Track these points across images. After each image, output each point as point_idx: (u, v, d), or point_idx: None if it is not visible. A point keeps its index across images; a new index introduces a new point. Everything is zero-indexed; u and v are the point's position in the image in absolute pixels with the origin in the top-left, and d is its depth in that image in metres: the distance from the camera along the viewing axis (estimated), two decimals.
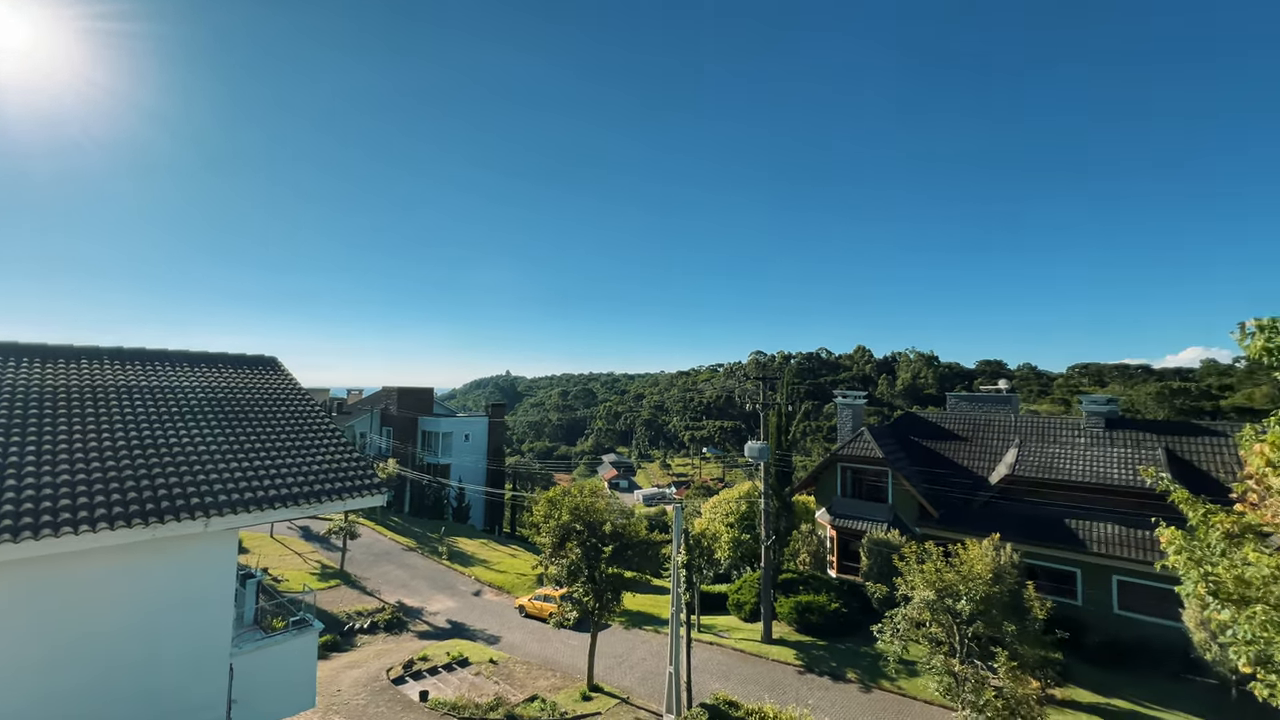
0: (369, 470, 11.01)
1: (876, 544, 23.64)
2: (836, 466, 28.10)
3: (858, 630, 22.45)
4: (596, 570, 18.86)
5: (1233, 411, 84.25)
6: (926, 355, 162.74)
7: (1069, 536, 22.01)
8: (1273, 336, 4.67)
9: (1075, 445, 24.40)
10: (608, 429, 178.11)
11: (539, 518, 20.41)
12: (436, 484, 48.45)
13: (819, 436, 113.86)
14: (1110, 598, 21.12)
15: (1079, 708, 17.39)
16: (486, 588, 32.15)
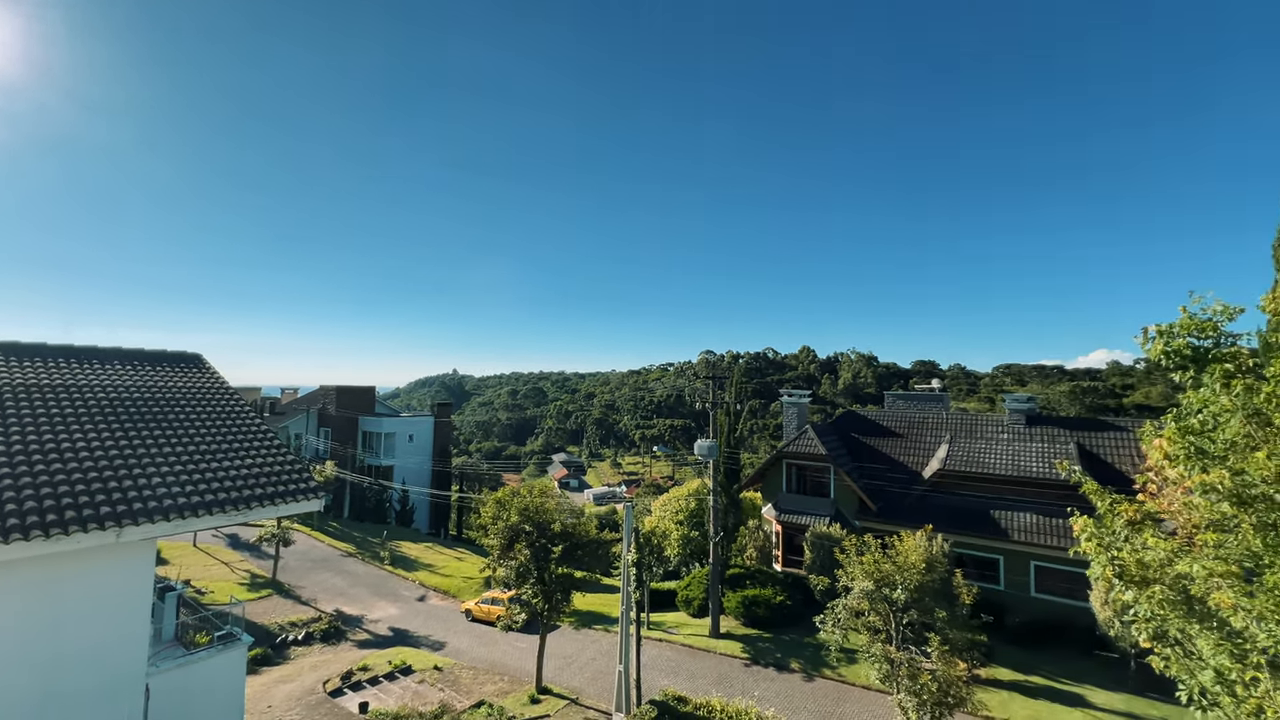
0: (304, 473, 10.47)
1: (819, 538, 24.47)
2: (782, 463, 28.90)
3: (801, 622, 23.20)
4: (546, 571, 18.66)
5: (1133, 408, 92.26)
6: (866, 356, 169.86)
7: (993, 526, 23.51)
8: (1170, 341, 5.18)
9: (999, 440, 26.08)
10: (558, 428, 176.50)
11: (487, 519, 20.00)
12: (378, 487, 46.65)
13: (765, 434, 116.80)
14: (1029, 582, 22.72)
15: (1001, 685, 18.61)
16: (431, 592, 31.22)
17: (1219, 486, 4.80)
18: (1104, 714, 17.15)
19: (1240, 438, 4.77)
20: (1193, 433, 5.15)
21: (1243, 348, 5.25)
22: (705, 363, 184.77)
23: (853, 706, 18.01)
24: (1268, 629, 4.54)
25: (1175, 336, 5.20)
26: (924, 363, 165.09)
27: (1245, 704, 5.12)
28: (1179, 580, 5.29)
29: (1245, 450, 4.67)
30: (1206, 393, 5.09)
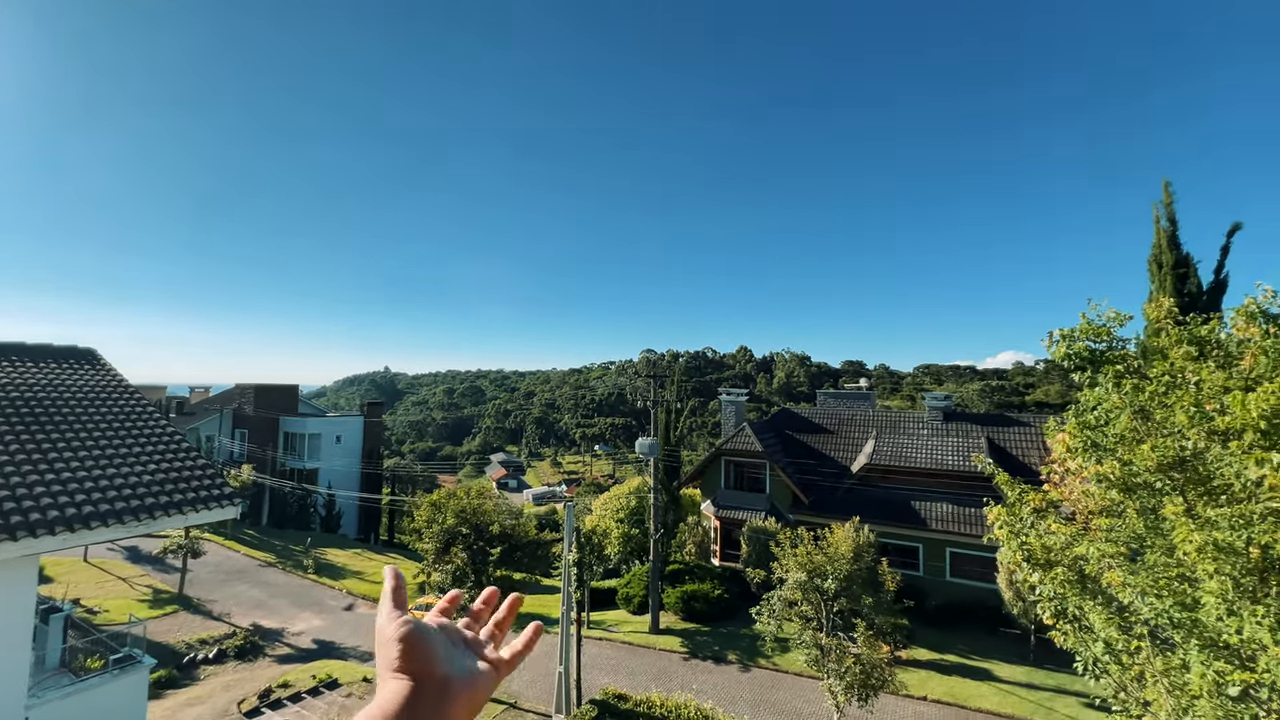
0: (216, 479, 9.69)
1: (755, 532, 25.21)
2: (721, 460, 29.55)
3: (738, 614, 23.83)
4: (484, 574, 18.23)
5: (1034, 405, 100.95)
6: (800, 355, 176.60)
7: (914, 516, 25.05)
8: (1071, 344, 5.71)
9: (920, 436, 27.80)
10: (497, 428, 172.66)
11: (421, 523, 19.31)
12: (302, 491, 43.96)
13: (704, 432, 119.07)
14: (945, 567, 24.37)
15: (920, 665, 19.87)
16: (360, 601, 29.75)
17: (1110, 476, 5.33)
18: (1009, 686, 18.66)
19: (1128, 432, 5.32)
20: (1089, 427, 5.70)
21: (1130, 350, 5.85)
22: (646, 361, 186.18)
23: (786, 693, 18.69)
24: (1149, 603, 5.08)
25: (1076, 340, 5.74)
26: (852, 362, 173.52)
27: (1130, 671, 5.72)
28: (1077, 561, 5.84)
29: (1132, 443, 5.21)
30: (1100, 391, 5.64)
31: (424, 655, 0.79)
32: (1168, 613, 4.92)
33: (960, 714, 17.53)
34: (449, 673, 0.79)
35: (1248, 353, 4.70)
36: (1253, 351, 4.64)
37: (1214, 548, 4.30)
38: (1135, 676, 5.75)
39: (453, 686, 0.78)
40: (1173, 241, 17.85)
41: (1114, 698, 6.31)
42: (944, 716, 17.43)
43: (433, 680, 0.78)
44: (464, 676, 0.81)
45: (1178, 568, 4.95)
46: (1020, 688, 18.56)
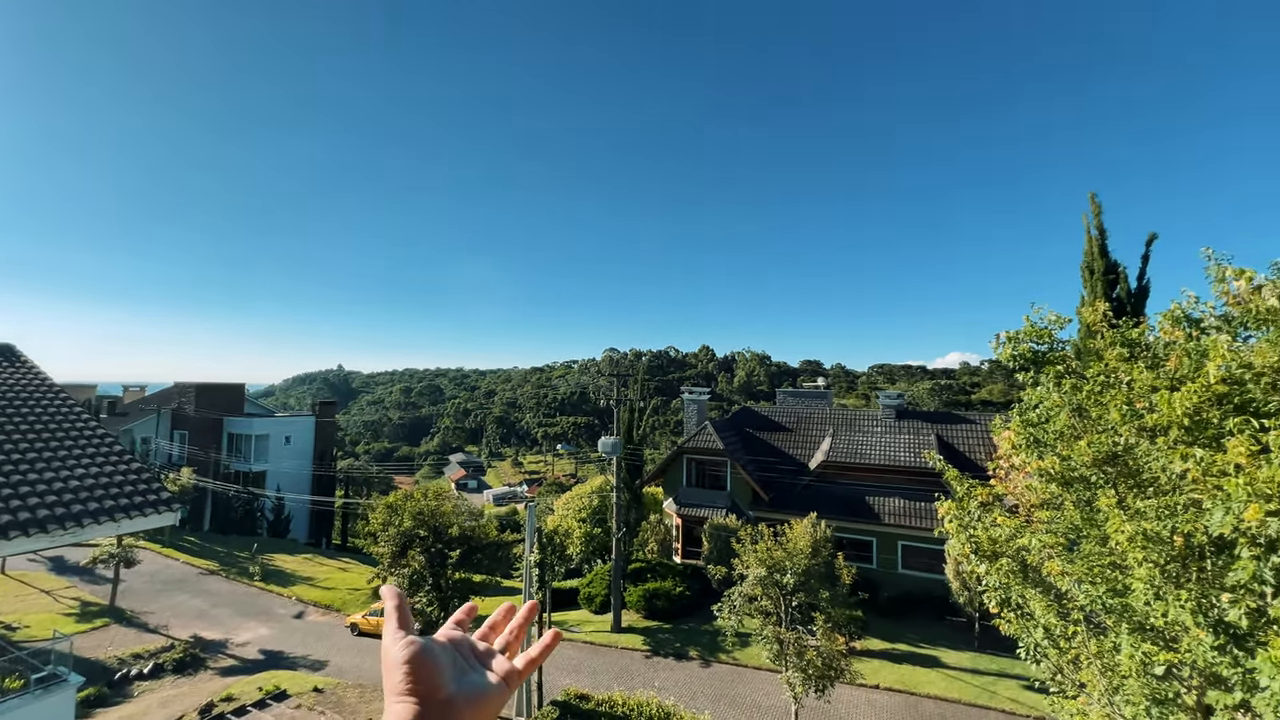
0: (152, 483, 9.13)
1: (717, 529, 25.52)
2: (683, 458, 29.78)
3: (700, 611, 24.07)
4: (442, 577, 17.83)
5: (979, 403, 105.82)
6: (760, 355, 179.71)
7: (869, 511, 25.86)
8: (1016, 345, 6.01)
9: (874, 433, 28.71)
10: (456, 427, 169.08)
11: (377, 525, 18.72)
12: (247, 495, 41.98)
13: (667, 430, 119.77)
14: (897, 560, 25.26)
15: (873, 655, 20.53)
16: (311, 608, 28.64)
17: (1050, 471, 5.63)
18: (955, 671, 19.49)
19: (1067, 428, 5.63)
20: (1031, 425, 6.00)
21: (1068, 352, 6.19)
22: (609, 360, 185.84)
23: (746, 687, 19.00)
24: (1084, 590, 5.39)
25: (1020, 342, 6.04)
26: (810, 362, 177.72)
27: (1067, 654, 6.05)
28: (1020, 552, 6.14)
29: (1070, 439, 5.52)
30: (1042, 390, 5.95)
31: (429, 677, 0.77)
32: (1101, 599, 5.23)
33: (910, 700, 18.20)
34: (454, 693, 0.78)
35: (1173, 354, 5.04)
36: (1177, 353, 4.99)
37: (1143, 537, 4.59)
38: (1072, 659, 6.09)
39: (456, 706, 0.77)
40: (1102, 250, 19.05)
41: (1052, 680, 6.67)
42: (895, 703, 18.06)
43: (436, 703, 0.76)
44: (471, 694, 0.79)
45: (1110, 556, 5.27)
46: (966, 673, 19.41)
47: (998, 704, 17.63)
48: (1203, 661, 4.20)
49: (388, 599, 0.89)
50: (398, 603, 0.88)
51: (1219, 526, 3.78)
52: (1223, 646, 4.06)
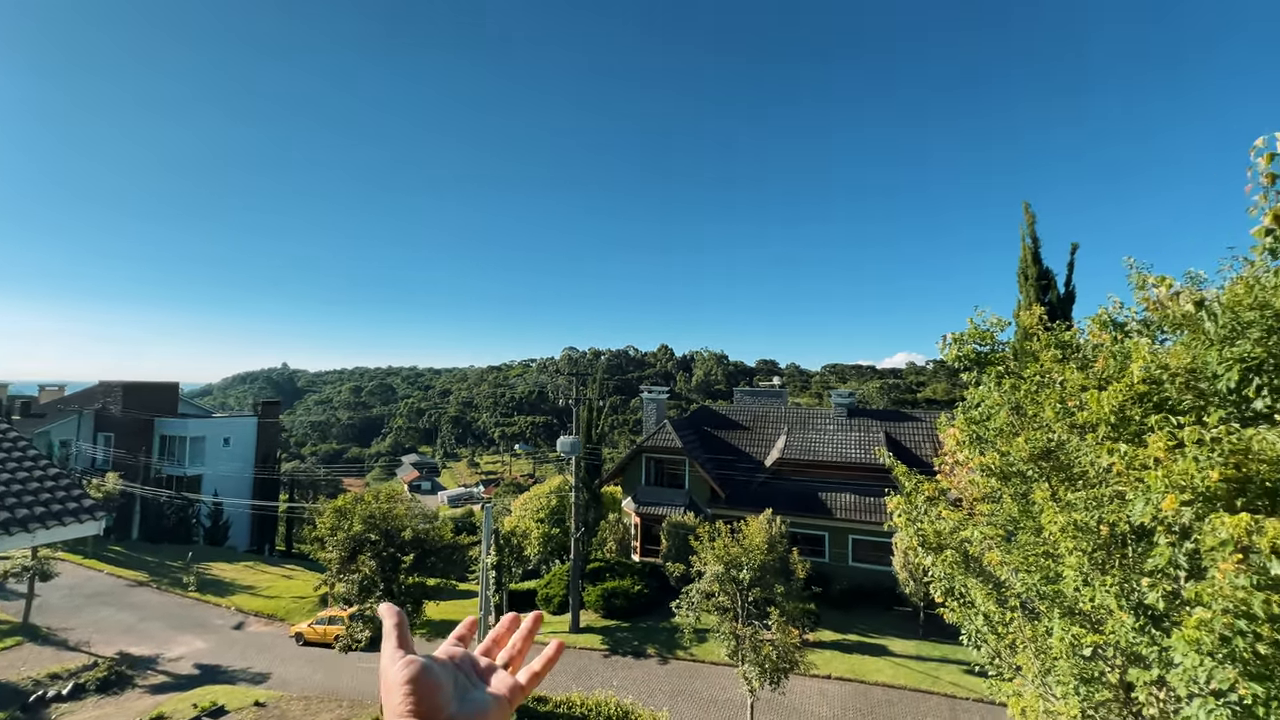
0: (72, 490, 8.48)
1: (675, 526, 25.72)
2: (642, 457, 29.88)
3: (658, 608, 24.22)
4: (395, 582, 17.30)
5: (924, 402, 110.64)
6: (718, 354, 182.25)
7: (821, 506, 26.61)
8: (961, 346, 6.31)
9: (827, 431, 29.56)
10: (409, 427, 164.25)
11: (324, 530, 18.00)
12: (181, 500, 39.59)
13: (625, 429, 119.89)
14: (848, 553, 26.10)
15: (825, 646, 21.16)
16: (252, 618, 27.27)
17: (991, 466, 5.94)
18: (901, 659, 20.31)
19: (1006, 426, 5.96)
20: (974, 422, 6.32)
21: (1007, 353, 6.54)
22: (568, 359, 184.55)
23: (703, 682, 19.25)
24: (1020, 578, 5.72)
25: (965, 343, 6.35)
26: (766, 361, 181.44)
27: (1004, 639, 6.40)
28: (963, 544, 6.46)
29: (1009, 436, 5.84)
30: (984, 390, 6.28)
31: (431, 697, 0.74)
32: (1036, 586, 5.56)
33: (859, 688, 18.84)
34: (456, 713, 0.75)
35: (1100, 356, 5.41)
36: (1104, 355, 5.35)
37: (1073, 527, 4.90)
38: (1009, 644, 6.44)
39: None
40: (1035, 257, 20.32)
41: (990, 664, 7.04)
42: (845, 692, 18.67)
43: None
44: (474, 713, 0.77)
45: (1044, 546, 5.60)
46: (911, 660, 20.25)
47: (941, 689, 18.46)
48: (1125, 642, 4.52)
49: (386, 617, 0.85)
50: (396, 620, 0.84)
51: (1140, 516, 4.07)
52: (1142, 627, 4.38)
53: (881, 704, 17.99)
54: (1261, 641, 3.42)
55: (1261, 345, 4.21)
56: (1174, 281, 5.30)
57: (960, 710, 17.49)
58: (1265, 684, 3.53)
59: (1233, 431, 3.98)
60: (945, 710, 17.56)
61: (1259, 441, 3.86)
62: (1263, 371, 4.26)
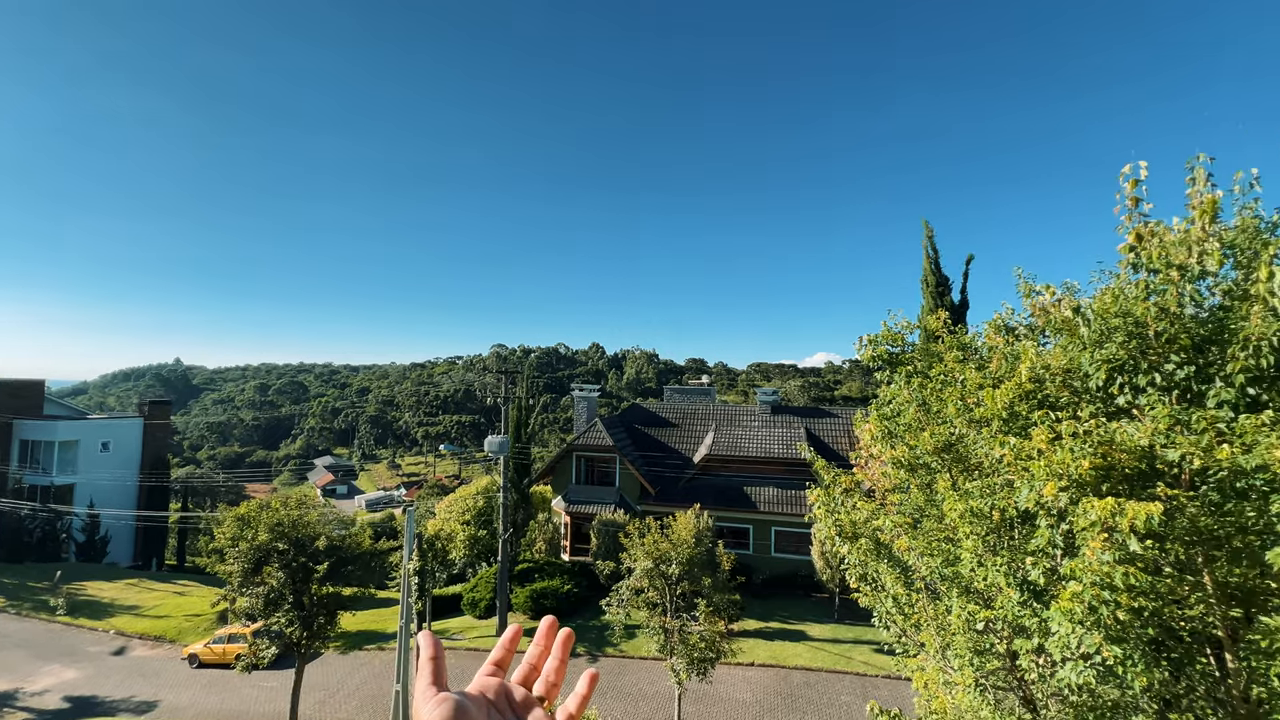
0: None
1: (605, 524, 25.77)
2: (572, 456, 29.68)
3: (588, 607, 24.18)
4: (306, 594, 16.19)
5: (841, 399, 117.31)
6: (649, 353, 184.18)
7: (746, 500, 27.56)
8: (876, 347, 6.76)
9: (752, 428, 30.63)
10: (323, 428, 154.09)
11: (224, 541, 16.54)
12: (47, 513, 35.07)
13: (556, 428, 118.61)
14: (771, 544, 27.20)
15: (749, 634, 21.95)
16: (136, 641, 24.66)
17: (900, 459, 6.39)
18: (819, 642, 21.44)
19: (914, 421, 6.43)
20: (886, 418, 6.78)
21: (915, 354, 7.06)
22: (496, 356, 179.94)
23: (632, 677, 19.42)
24: (925, 561, 6.19)
25: (879, 344, 6.79)
26: (696, 360, 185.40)
27: (910, 619, 6.91)
28: (875, 532, 6.91)
29: (917, 430, 6.31)
30: (895, 388, 6.74)
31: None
32: (938, 569, 6.04)
33: (780, 673, 19.71)
34: None
35: (994, 357, 5.96)
36: (998, 356, 5.90)
37: (969, 513, 5.36)
38: (914, 623, 6.96)
39: None
40: (936, 266, 22.14)
41: (898, 642, 7.58)
42: (767, 677, 19.47)
43: None
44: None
45: (945, 531, 6.10)
46: (827, 643, 21.42)
47: (854, 668, 19.66)
48: (1011, 615, 5.00)
49: (422, 648, 0.78)
50: (432, 653, 0.77)
51: (1025, 502, 4.52)
52: (1025, 602, 4.87)
53: (800, 686, 18.90)
54: (1121, 609, 3.89)
55: (1124, 348, 4.78)
56: (1056, 290, 5.92)
57: (871, 687, 18.70)
58: (1123, 645, 4.02)
59: (1100, 425, 4.50)
60: (858, 688, 18.71)
61: (1121, 434, 4.39)
62: (1125, 371, 4.85)
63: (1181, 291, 4.62)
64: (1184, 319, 4.65)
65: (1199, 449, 4.03)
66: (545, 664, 0.88)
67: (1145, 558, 3.96)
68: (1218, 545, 4.38)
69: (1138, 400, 4.78)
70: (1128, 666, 4.00)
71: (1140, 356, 4.72)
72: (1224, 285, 4.75)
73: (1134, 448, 4.32)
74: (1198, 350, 4.59)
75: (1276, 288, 4.06)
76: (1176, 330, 4.59)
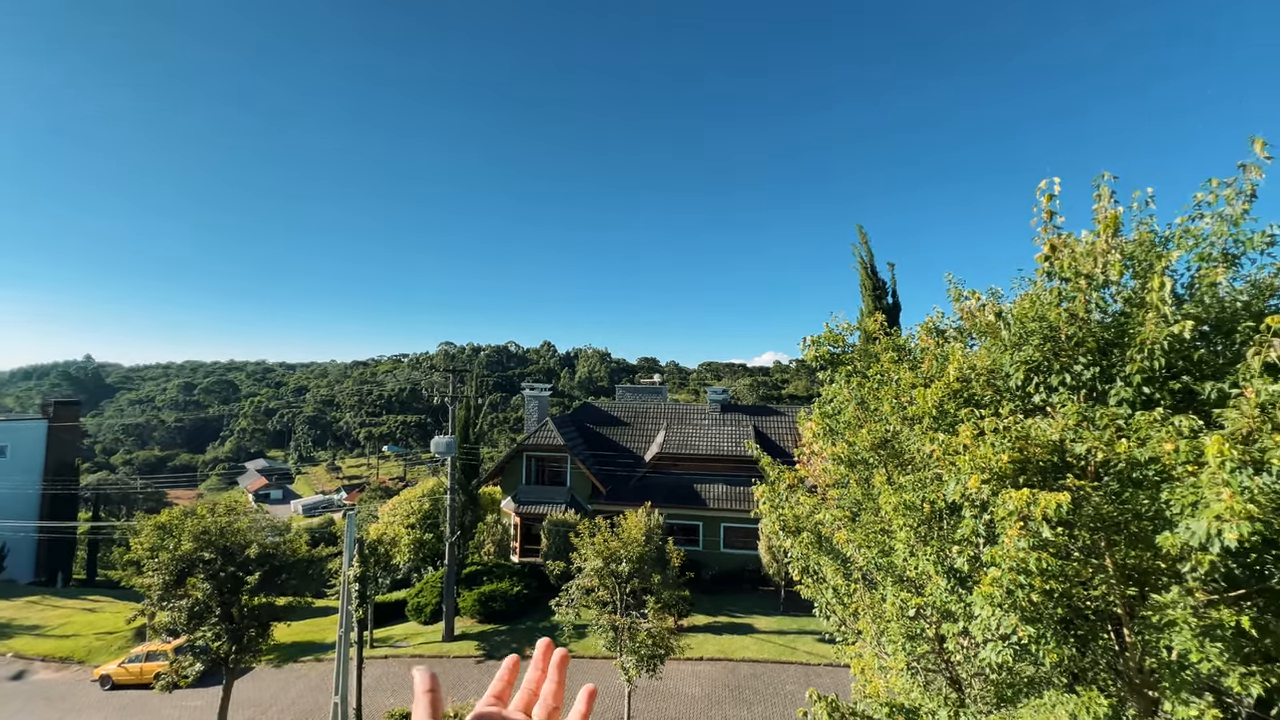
0: None
1: (556, 525, 25.57)
2: (523, 456, 29.29)
3: (538, 608, 23.94)
4: (235, 605, 15.29)
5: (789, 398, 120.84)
6: (601, 351, 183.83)
7: (696, 497, 27.97)
8: (818, 348, 7.03)
9: (702, 426, 31.11)
10: (256, 430, 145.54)
11: (142, 552, 15.42)
12: None
13: (506, 428, 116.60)
14: (720, 540, 27.72)
15: (698, 629, 22.31)
16: (38, 664, 22.62)
17: (841, 455, 6.67)
18: (765, 635, 22.02)
19: (853, 419, 6.73)
20: (828, 416, 7.06)
21: (854, 354, 7.39)
22: (444, 355, 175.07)
23: (582, 676, 19.33)
24: (862, 553, 6.50)
25: (821, 345, 7.07)
26: (648, 359, 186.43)
27: (849, 608, 7.22)
28: (817, 526, 7.19)
29: (856, 427, 6.60)
30: (836, 386, 7.03)
31: None
32: (874, 560, 6.34)
33: (728, 666, 20.13)
34: None
35: (926, 358, 6.31)
36: (929, 357, 6.26)
37: (903, 506, 5.66)
38: (852, 612, 7.28)
39: None
40: (872, 270, 23.20)
41: (838, 630, 7.91)
42: (716, 671, 19.84)
43: None
44: None
45: (881, 524, 6.41)
46: (773, 635, 22.04)
47: (798, 658, 20.31)
48: (939, 601, 5.32)
49: (418, 682, 0.76)
50: (429, 685, 0.75)
51: (952, 494, 4.82)
52: (952, 588, 5.19)
53: (748, 678, 19.37)
54: (1035, 592, 4.21)
55: (1040, 351, 5.17)
56: (981, 295, 6.33)
57: (814, 675, 19.38)
58: (1037, 625, 4.35)
59: (1018, 422, 4.85)
60: (801, 677, 19.35)
61: (1036, 430, 4.74)
62: (1040, 372, 5.24)
63: (1089, 298, 5.03)
64: (1091, 324, 5.07)
65: (1102, 443, 4.40)
66: (543, 688, 0.87)
67: (1056, 543, 4.30)
68: (1118, 530, 4.80)
69: (1051, 399, 5.18)
70: (1040, 644, 4.32)
71: (1053, 358, 5.11)
72: (1125, 293, 5.20)
73: (1047, 442, 4.68)
74: (1102, 353, 5.01)
75: (1167, 296, 4.49)
76: (1084, 334, 5.00)
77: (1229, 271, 4.96)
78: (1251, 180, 4.82)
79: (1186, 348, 4.70)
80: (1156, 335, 4.55)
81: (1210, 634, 4.10)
